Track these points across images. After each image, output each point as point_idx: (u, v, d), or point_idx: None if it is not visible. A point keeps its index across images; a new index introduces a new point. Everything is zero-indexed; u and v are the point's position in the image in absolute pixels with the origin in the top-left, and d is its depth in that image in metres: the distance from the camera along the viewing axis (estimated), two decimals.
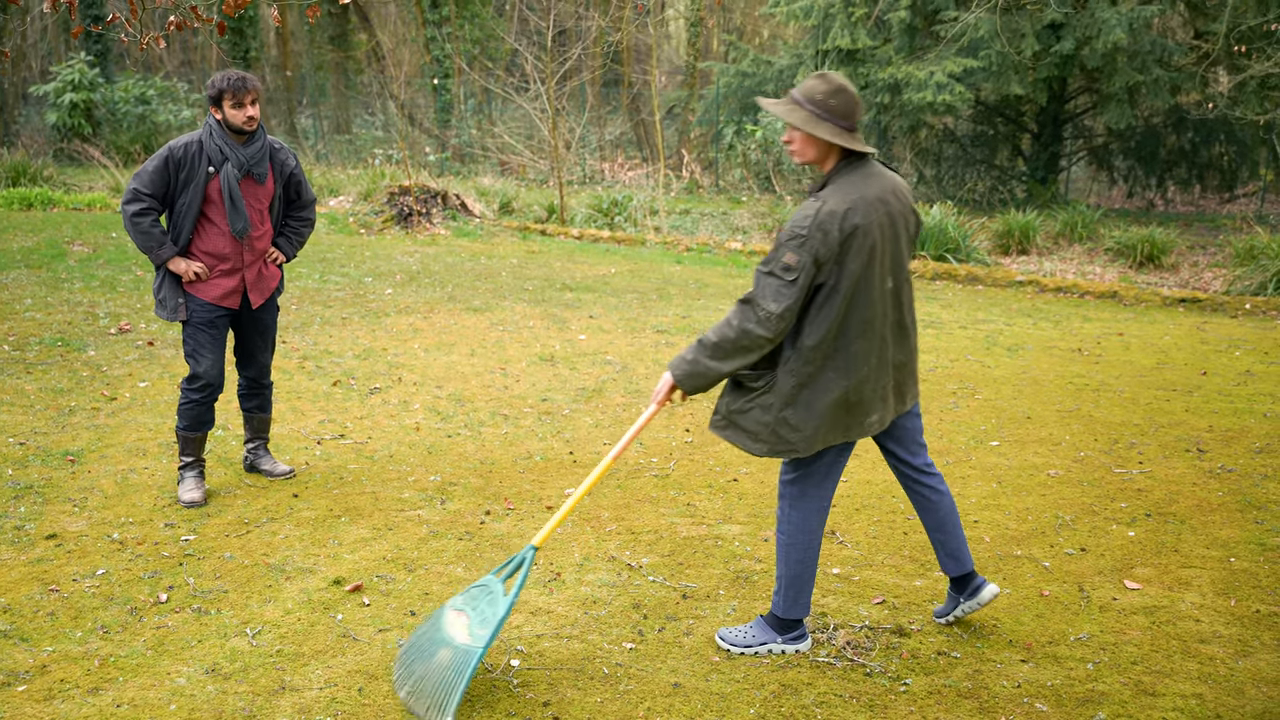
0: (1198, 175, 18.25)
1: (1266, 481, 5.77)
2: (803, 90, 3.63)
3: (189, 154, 5.04)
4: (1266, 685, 3.72)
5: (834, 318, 3.57)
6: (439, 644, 3.62)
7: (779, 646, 3.91)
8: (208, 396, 5.29)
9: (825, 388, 3.64)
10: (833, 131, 3.57)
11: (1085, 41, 15.47)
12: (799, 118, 3.59)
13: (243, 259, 5.23)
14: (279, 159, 5.30)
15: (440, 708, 3.42)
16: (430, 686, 3.50)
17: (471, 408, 7.00)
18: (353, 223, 15.63)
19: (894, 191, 3.68)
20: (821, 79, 3.61)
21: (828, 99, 3.57)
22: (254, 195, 5.21)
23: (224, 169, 5.04)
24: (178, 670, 3.74)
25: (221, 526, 5.01)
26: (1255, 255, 12.15)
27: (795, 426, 3.66)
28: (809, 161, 3.69)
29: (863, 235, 3.53)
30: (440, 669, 3.52)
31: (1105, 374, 8.13)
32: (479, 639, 3.55)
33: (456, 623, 3.68)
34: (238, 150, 5.07)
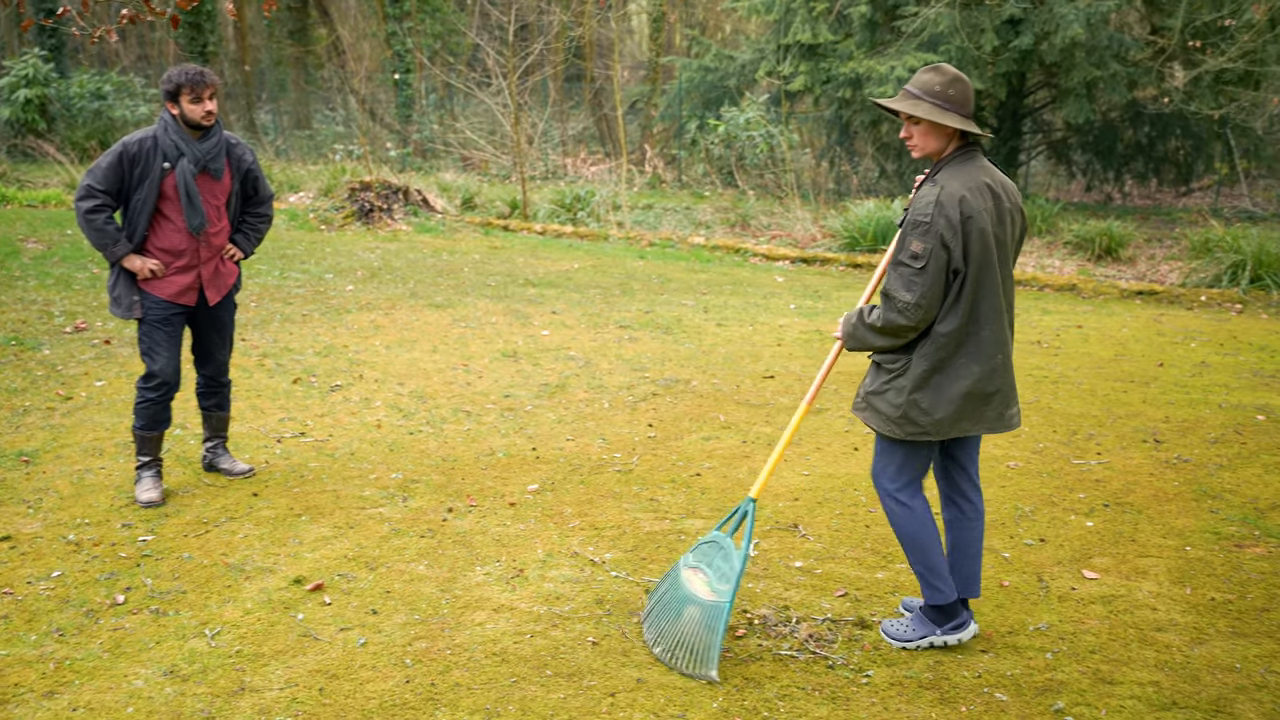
0: (1154, 169, 18.43)
1: (1221, 471, 5.84)
2: (919, 84, 3.67)
3: (144, 149, 4.98)
4: (1221, 672, 3.77)
5: (966, 303, 3.61)
6: (684, 602, 3.85)
7: (939, 638, 3.92)
8: (164, 395, 5.23)
9: (957, 374, 3.68)
10: (958, 120, 3.62)
11: (1044, 37, 15.57)
12: (924, 109, 3.62)
13: (199, 255, 5.18)
14: (236, 154, 5.24)
15: (704, 660, 3.69)
16: (689, 641, 3.75)
17: (433, 404, 6.97)
18: (313, 219, 15.51)
19: (1003, 186, 3.72)
20: (937, 71, 3.66)
21: (946, 89, 3.63)
22: (211, 191, 5.15)
23: (180, 165, 4.98)
24: (135, 672, 3.70)
25: (180, 526, 4.96)
26: (1210, 248, 12.29)
27: (926, 410, 3.69)
28: (929, 154, 3.72)
29: (980, 219, 3.57)
30: (694, 625, 3.76)
31: (1064, 366, 8.20)
32: (722, 594, 3.77)
33: (695, 580, 3.90)
34: (193, 146, 5.01)
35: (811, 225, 15.44)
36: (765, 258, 13.95)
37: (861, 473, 5.79)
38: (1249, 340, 9.22)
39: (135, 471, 5.33)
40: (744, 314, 10.12)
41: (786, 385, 7.56)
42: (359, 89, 21.34)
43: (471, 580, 4.45)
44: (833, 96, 17.30)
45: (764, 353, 8.57)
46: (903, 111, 3.65)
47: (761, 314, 10.18)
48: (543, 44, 20.25)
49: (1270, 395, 7.36)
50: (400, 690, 3.60)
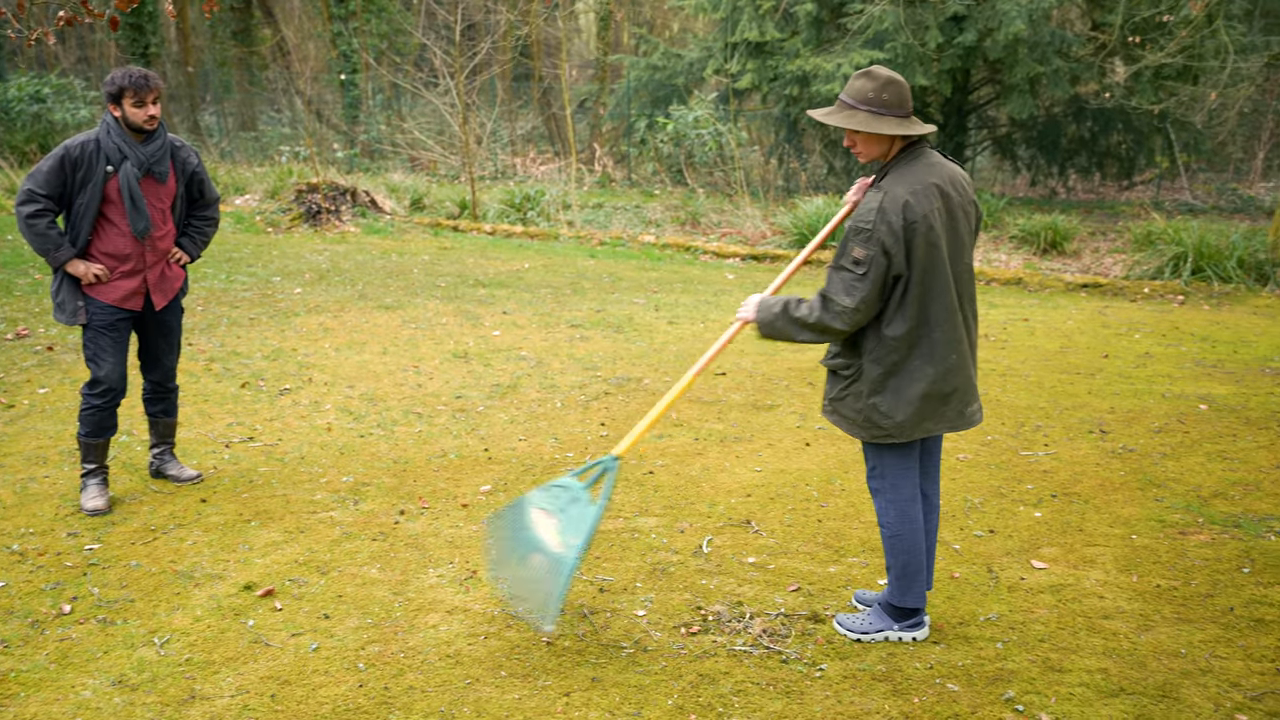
0: (1097, 163, 18.69)
1: (1165, 460, 5.94)
2: (853, 93, 3.65)
3: (86, 153, 4.90)
4: (1167, 657, 3.83)
5: (913, 306, 3.62)
6: (531, 547, 3.79)
7: (895, 634, 3.95)
8: (110, 401, 5.15)
9: (912, 376, 3.69)
10: (895, 124, 3.60)
11: (987, 33, 15.75)
12: (859, 121, 3.61)
13: (144, 260, 5.10)
14: (180, 157, 5.17)
15: (542, 614, 3.67)
16: (530, 590, 3.73)
17: (384, 407, 6.92)
18: (260, 221, 15.35)
19: (952, 181, 3.70)
20: (869, 76, 3.64)
21: (881, 94, 3.61)
22: (155, 195, 5.09)
23: (123, 168, 4.91)
24: (83, 683, 3.65)
25: (127, 534, 4.89)
26: (1153, 240, 12.50)
27: (886, 413, 3.72)
28: (874, 158, 3.72)
29: (925, 223, 3.56)
30: (537, 574, 3.72)
31: (1011, 359, 8.30)
32: (571, 548, 3.68)
33: (545, 524, 3.82)
34: (137, 149, 4.94)
35: (761, 222, 15.51)
36: (715, 255, 13.99)
37: (814, 468, 5.83)
38: (1191, 331, 9.37)
39: (81, 479, 5.25)
40: (695, 311, 10.15)
41: (738, 382, 7.59)
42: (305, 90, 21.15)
43: (424, 583, 4.43)
44: (780, 94, 17.39)
45: None
46: (839, 125, 3.65)
47: (713, 311, 10.21)
48: (490, 43, 20.17)
49: (1212, 385, 7.50)
50: (353, 695, 3.58)
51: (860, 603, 4.22)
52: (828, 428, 6.51)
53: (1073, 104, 17.78)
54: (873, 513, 5.16)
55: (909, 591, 3.90)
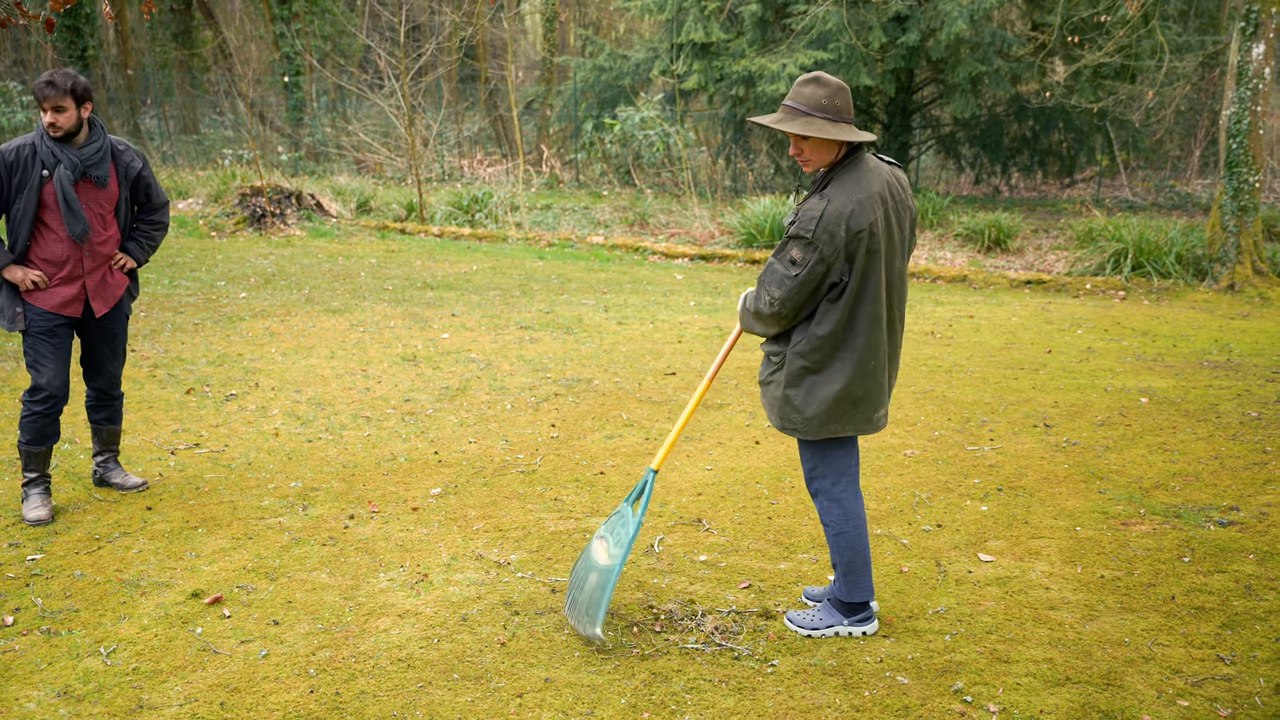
0: (1039, 162, 18.97)
1: (1108, 453, 6.04)
2: (804, 99, 3.61)
3: (21, 157, 4.82)
4: (1111, 646, 3.90)
5: (843, 311, 3.65)
6: (589, 570, 4.01)
7: (845, 629, 3.98)
8: (51, 409, 5.07)
9: (830, 377, 3.73)
10: (850, 131, 3.59)
11: (930, 33, 15.93)
12: (817, 127, 3.57)
13: (83, 265, 5.02)
14: (123, 161, 5.08)
15: (591, 620, 3.83)
16: (583, 604, 3.91)
17: (332, 411, 6.87)
18: (203, 225, 15.17)
19: (890, 187, 3.71)
20: (818, 83, 3.61)
21: (833, 100, 3.58)
22: (94, 199, 5.00)
23: (57, 172, 4.83)
24: (26, 695, 3.59)
25: (70, 544, 4.81)
26: (1094, 237, 12.71)
27: (798, 408, 3.77)
28: (822, 166, 3.68)
29: (869, 233, 3.57)
30: (590, 590, 3.92)
31: (957, 355, 8.40)
32: (615, 558, 3.92)
33: (599, 549, 4.07)
34: (69, 152, 4.86)
35: (709, 222, 15.57)
36: (664, 255, 14.03)
37: (764, 466, 5.87)
38: (1132, 326, 9.54)
39: (22, 489, 5.15)
40: (644, 312, 10.17)
41: (688, 381, 7.62)
42: (247, 92, 20.92)
43: (375, 587, 4.40)
44: (726, 95, 17.47)
45: (665, 350, 8.62)
46: (794, 134, 3.60)
47: (662, 311, 10.24)
48: (435, 44, 20.07)
49: (1152, 378, 7.63)
50: (304, 701, 3.55)
51: (809, 599, 4.25)
52: None
53: (1014, 103, 18.03)
54: None
55: (856, 587, 3.94)
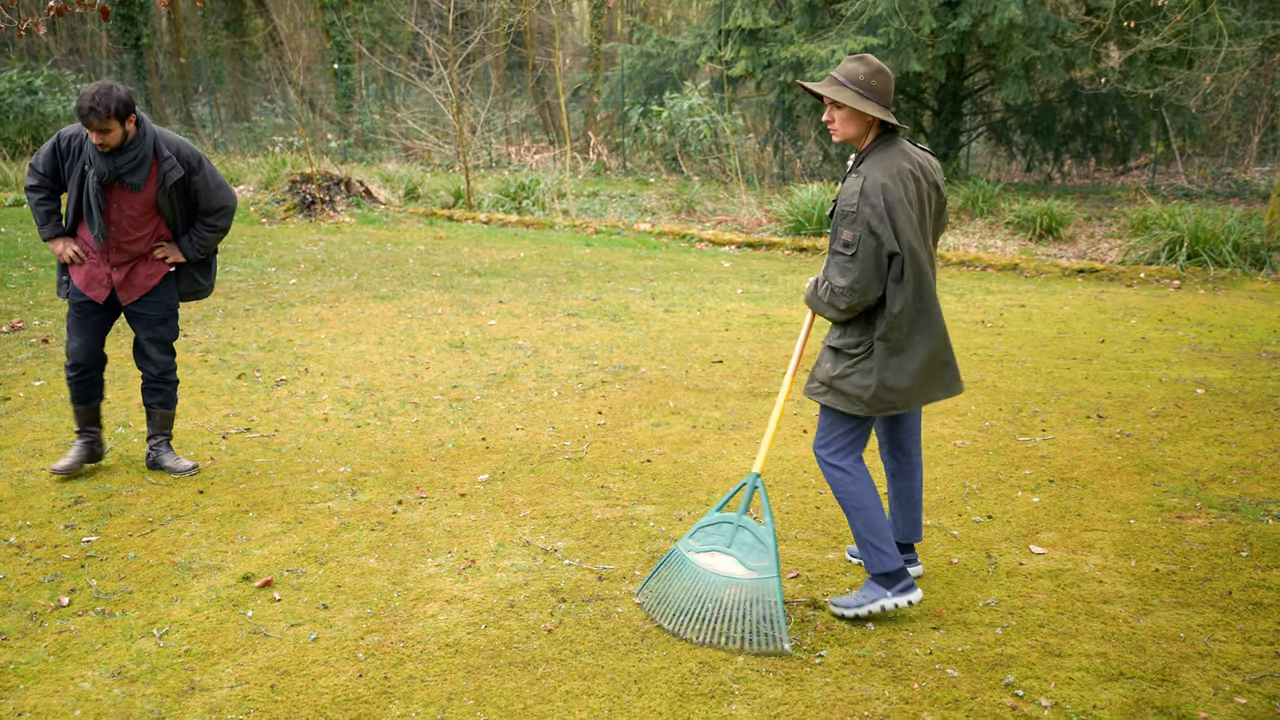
0: (1092, 149, 18.68)
1: (1163, 445, 5.94)
2: (845, 72, 3.80)
3: (72, 147, 5.10)
4: (1166, 641, 3.84)
5: (909, 283, 3.78)
6: (720, 585, 3.90)
7: (890, 601, 3.97)
8: (81, 375, 5.40)
9: (914, 350, 3.87)
10: (878, 109, 3.76)
11: (981, 18, 15.72)
12: (846, 96, 3.75)
13: (109, 257, 5.26)
14: (163, 170, 5.08)
15: (773, 636, 3.78)
16: (742, 619, 3.82)
17: (381, 397, 6.91)
18: (254, 212, 15.31)
19: (921, 167, 3.89)
20: (861, 61, 3.79)
21: (870, 79, 3.77)
22: (127, 202, 5.14)
23: (88, 175, 5.00)
24: (82, 675, 3.64)
25: (124, 526, 4.88)
26: (1148, 225, 12.49)
27: (892, 388, 3.87)
28: (849, 138, 3.85)
29: (903, 205, 3.72)
30: (744, 604, 3.84)
31: (1008, 345, 8.30)
32: (766, 569, 3.86)
33: (719, 562, 3.96)
34: (103, 159, 4.99)
35: (757, 210, 15.49)
36: (711, 243, 13.98)
37: (811, 455, 5.83)
38: (1187, 315, 9.38)
39: None
40: (691, 299, 10.14)
41: (735, 370, 7.58)
42: (297, 80, 21.08)
43: (423, 572, 4.42)
44: (774, 81, 17.35)
45: (712, 338, 8.59)
46: (827, 96, 3.78)
47: (709, 299, 10.20)
48: (483, 31, 20.10)
49: (1209, 369, 7.50)
50: (353, 684, 3.58)
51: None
52: None
53: (1067, 89, 17.76)
54: None
55: (886, 552, 3.95)
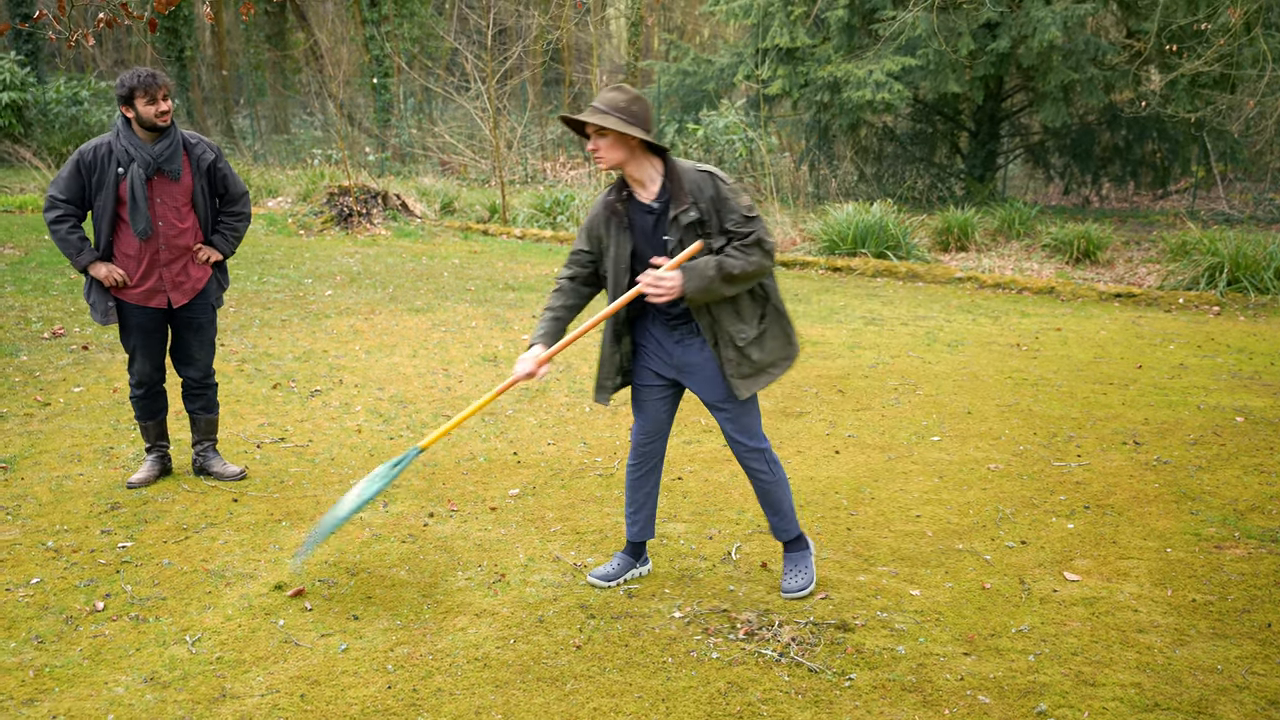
0: (1131, 172, 18.54)
1: (1201, 473, 5.87)
2: (606, 102, 3.92)
3: (98, 156, 5.07)
4: (1203, 673, 3.78)
5: None
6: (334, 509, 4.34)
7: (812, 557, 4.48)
8: (148, 392, 5.43)
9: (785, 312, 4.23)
10: (641, 133, 3.89)
11: (1021, 40, 15.66)
12: (611, 122, 3.86)
13: (159, 258, 5.21)
14: (195, 153, 5.23)
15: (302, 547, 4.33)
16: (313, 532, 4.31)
17: (414, 409, 6.94)
18: (291, 224, 15.45)
19: None
20: (620, 90, 3.95)
21: (630, 105, 3.90)
22: (169, 193, 5.16)
23: (130, 169, 5.01)
24: (115, 679, 3.67)
25: (159, 533, 4.92)
26: (1188, 250, 12.37)
27: (790, 336, 4.22)
28: (615, 164, 3.96)
29: None
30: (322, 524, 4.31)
31: (1043, 369, 8.24)
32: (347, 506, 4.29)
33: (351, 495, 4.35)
34: (145, 149, 5.05)
35: (791, 229, 15.47)
36: None
37: (843, 476, 5.80)
38: (1227, 342, 9.28)
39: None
40: None
41: (767, 389, 7.55)
42: (337, 93, 21.29)
43: (453, 585, 4.43)
44: (811, 100, 17.35)
45: None
46: (591, 124, 3.88)
47: None
48: (521, 48, 20.22)
49: (1248, 397, 7.41)
50: (382, 696, 3.58)
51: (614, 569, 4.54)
52: (858, 436, 6.49)
53: (1107, 112, 17.66)
54: (904, 521, 5.14)
55: (795, 520, 4.41)
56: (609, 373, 4.28)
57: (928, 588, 4.44)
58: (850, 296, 11.62)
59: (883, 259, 13.34)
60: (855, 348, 8.94)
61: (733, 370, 4.09)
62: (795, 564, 4.41)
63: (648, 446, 4.39)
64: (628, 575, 4.49)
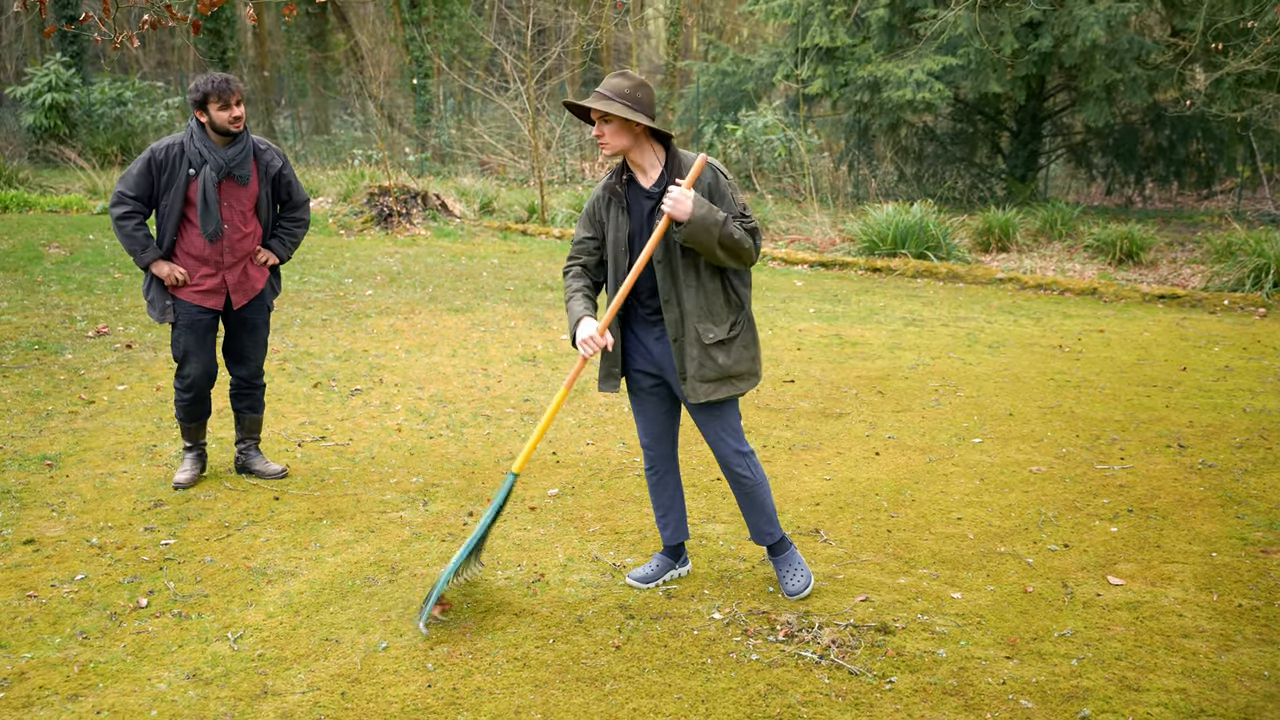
0: (1175, 172, 18.31)
1: (1247, 476, 5.79)
2: (610, 88, 3.91)
3: (170, 156, 5.13)
4: (1249, 679, 3.73)
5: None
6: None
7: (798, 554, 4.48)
8: (196, 394, 5.46)
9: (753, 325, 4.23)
10: (646, 119, 3.89)
11: (1063, 39, 15.51)
12: (616, 109, 3.85)
13: (223, 260, 5.25)
14: (264, 160, 5.31)
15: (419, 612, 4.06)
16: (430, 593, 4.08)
17: (453, 409, 6.97)
18: (332, 224, 15.56)
19: None
20: (624, 76, 3.93)
21: (634, 92, 3.89)
22: (236, 197, 5.22)
23: (203, 171, 5.06)
24: (158, 675, 3.71)
25: (201, 530, 4.97)
26: (1233, 252, 12.20)
27: (757, 357, 4.21)
28: (619, 150, 3.95)
29: None
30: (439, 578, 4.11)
31: (1086, 370, 8.15)
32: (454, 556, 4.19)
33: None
34: (218, 153, 5.10)
35: (830, 229, 15.41)
36: (784, 261, 13.93)
37: (883, 478, 5.77)
38: (1273, 344, 9.15)
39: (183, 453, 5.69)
40: (763, 318, 10.10)
41: (806, 390, 7.54)
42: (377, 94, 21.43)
43: (492, 585, 4.45)
44: (851, 100, 17.26)
45: (784, 357, 8.55)
46: (596, 110, 3.86)
47: (781, 318, 10.16)
48: (560, 48, 20.27)
49: None
50: (422, 695, 3.60)
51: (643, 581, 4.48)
52: (899, 438, 6.44)
53: (1150, 111, 17.45)
54: (945, 524, 5.10)
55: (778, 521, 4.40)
56: (613, 361, 4.25)
57: (969, 590, 4.40)
58: (890, 297, 11.55)
59: (923, 259, 13.25)
60: (895, 349, 8.89)
61: (694, 370, 4.04)
62: (790, 565, 4.40)
63: (654, 449, 4.39)
64: (667, 576, 4.48)
